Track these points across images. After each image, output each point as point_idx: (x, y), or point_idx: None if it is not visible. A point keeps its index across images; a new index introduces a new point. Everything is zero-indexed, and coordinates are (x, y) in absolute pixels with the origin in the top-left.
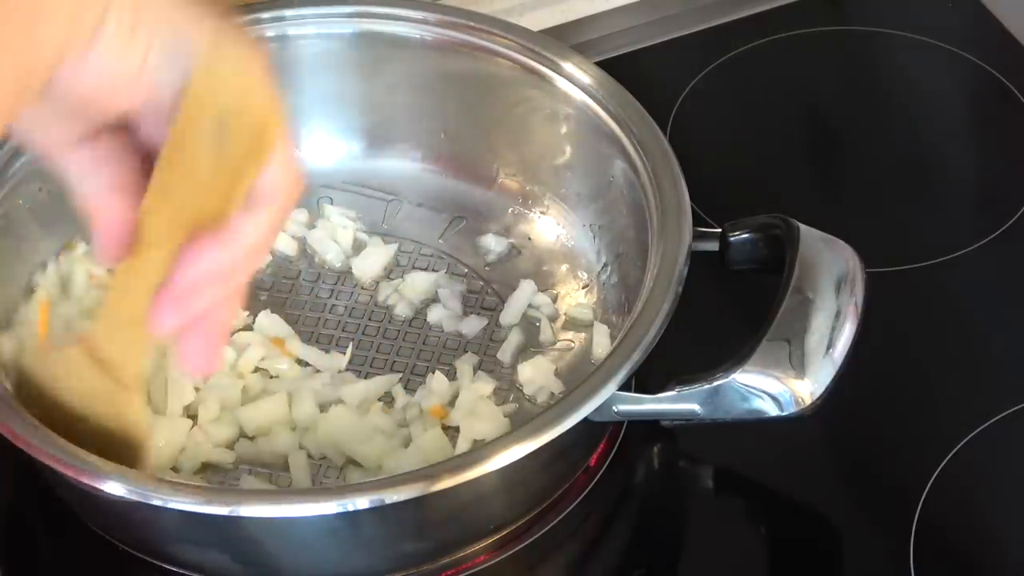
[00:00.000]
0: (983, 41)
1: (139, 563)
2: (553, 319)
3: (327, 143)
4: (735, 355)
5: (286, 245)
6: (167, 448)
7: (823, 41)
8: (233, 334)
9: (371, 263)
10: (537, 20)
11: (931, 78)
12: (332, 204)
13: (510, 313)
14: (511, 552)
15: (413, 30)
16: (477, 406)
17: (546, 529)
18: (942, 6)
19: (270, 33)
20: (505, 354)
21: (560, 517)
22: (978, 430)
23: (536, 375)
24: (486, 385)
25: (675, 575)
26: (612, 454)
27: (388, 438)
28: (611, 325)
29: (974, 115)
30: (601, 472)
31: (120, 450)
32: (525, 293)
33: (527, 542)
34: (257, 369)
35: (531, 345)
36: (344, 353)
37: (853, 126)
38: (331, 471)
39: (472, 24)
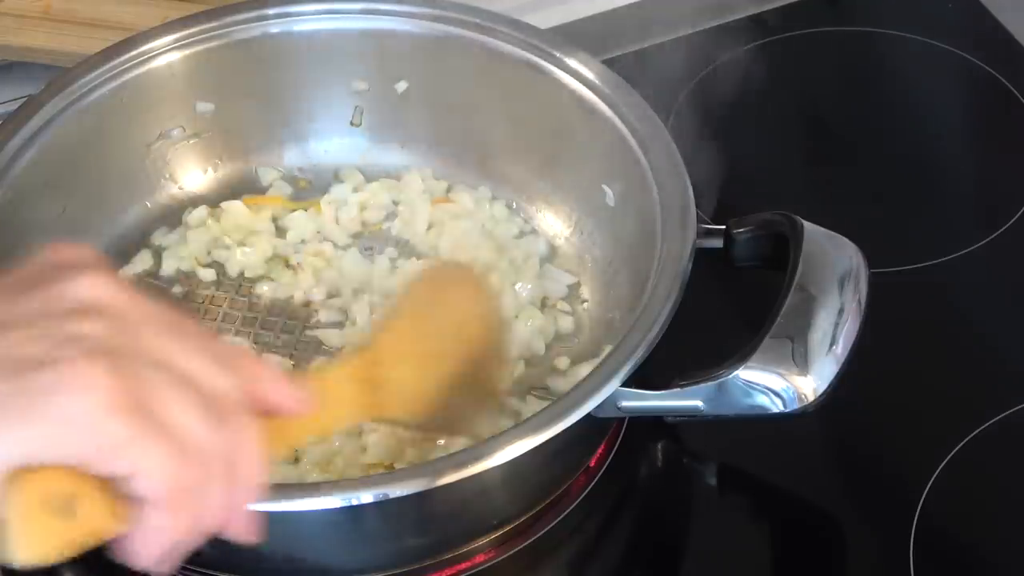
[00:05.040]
0: (983, 41)
1: None
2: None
3: (331, 138)
4: (738, 351)
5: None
6: None
7: (823, 41)
8: None
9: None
10: (537, 20)
11: (931, 78)
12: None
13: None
14: (512, 551)
15: (417, 26)
16: None
17: (547, 528)
18: (942, 6)
19: (275, 30)
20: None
21: (561, 516)
22: (978, 430)
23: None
24: None
25: (677, 572)
26: (612, 455)
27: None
28: (615, 321)
29: (974, 115)
30: (602, 472)
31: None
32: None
33: (528, 541)
34: None
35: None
36: None
37: (853, 126)
38: None
39: (476, 20)
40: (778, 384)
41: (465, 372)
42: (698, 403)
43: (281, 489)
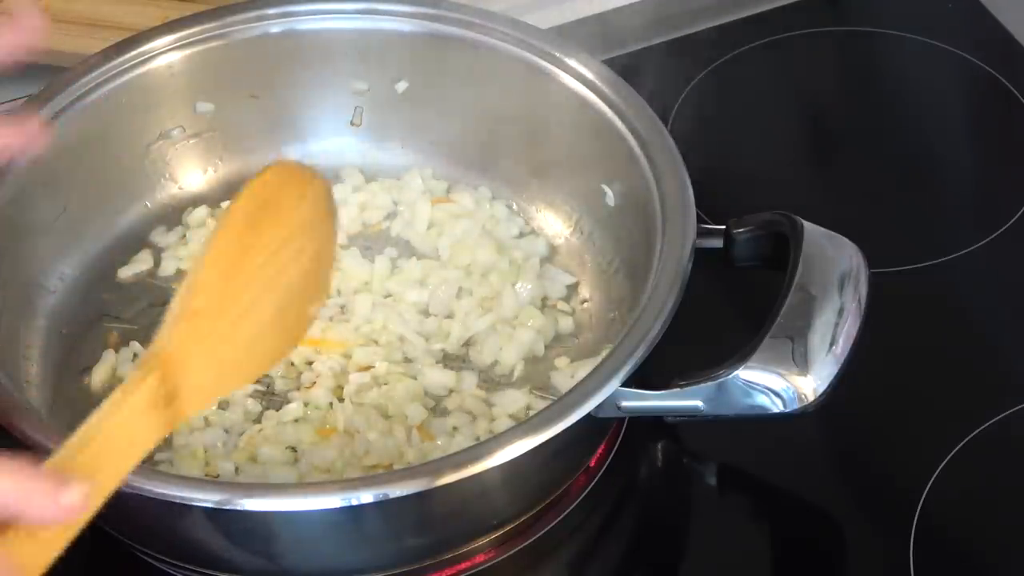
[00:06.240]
0: (983, 41)
1: (140, 559)
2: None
3: (331, 138)
4: (739, 351)
5: None
6: None
7: (823, 41)
8: None
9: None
10: (537, 20)
11: (931, 78)
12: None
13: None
14: (512, 551)
15: (417, 26)
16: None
17: (548, 528)
18: (942, 6)
19: (276, 29)
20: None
21: (561, 516)
22: (978, 430)
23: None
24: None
25: (677, 572)
26: (612, 455)
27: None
28: (614, 321)
29: (974, 115)
30: (602, 472)
31: None
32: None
33: (528, 541)
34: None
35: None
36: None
37: (853, 126)
38: None
39: (476, 20)
40: (778, 384)
41: (283, 302)
42: (698, 403)
43: (281, 489)
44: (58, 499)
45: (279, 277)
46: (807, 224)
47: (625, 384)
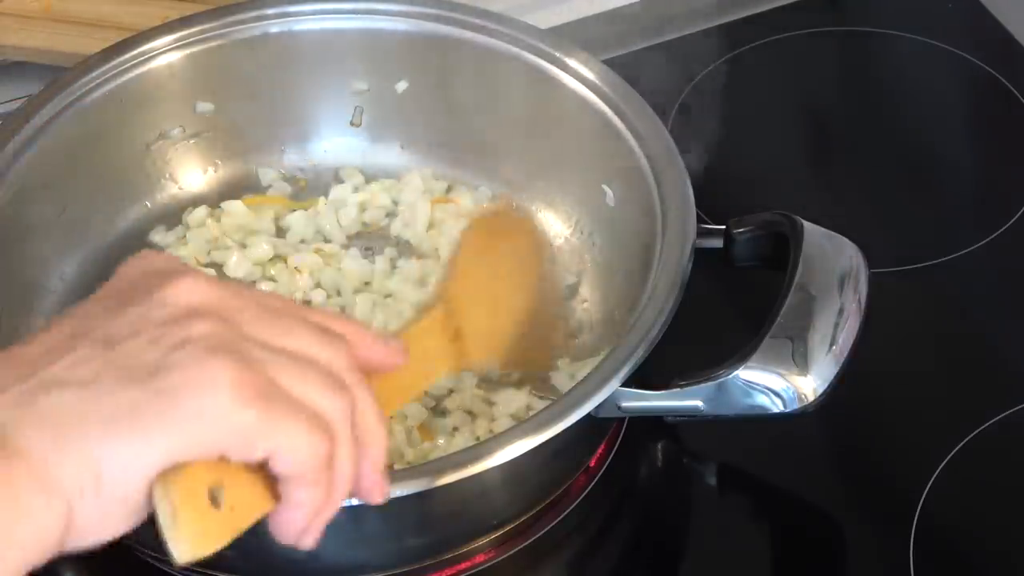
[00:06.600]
0: (983, 41)
1: (138, 557)
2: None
3: (331, 138)
4: (739, 351)
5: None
6: None
7: (823, 41)
8: None
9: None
10: (537, 20)
11: (931, 78)
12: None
13: None
14: (512, 551)
15: (417, 26)
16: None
17: (548, 528)
18: (942, 6)
19: (275, 30)
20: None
21: (561, 516)
22: (979, 430)
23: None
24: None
25: (677, 572)
26: (612, 455)
27: None
28: (615, 322)
29: (974, 115)
30: (602, 471)
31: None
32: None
33: (528, 541)
34: None
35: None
36: None
37: (853, 126)
38: None
39: (476, 21)
40: (778, 384)
41: (528, 307)
42: (698, 403)
43: None
44: (381, 345)
45: (515, 287)
46: (807, 224)
47: (625, 384)
